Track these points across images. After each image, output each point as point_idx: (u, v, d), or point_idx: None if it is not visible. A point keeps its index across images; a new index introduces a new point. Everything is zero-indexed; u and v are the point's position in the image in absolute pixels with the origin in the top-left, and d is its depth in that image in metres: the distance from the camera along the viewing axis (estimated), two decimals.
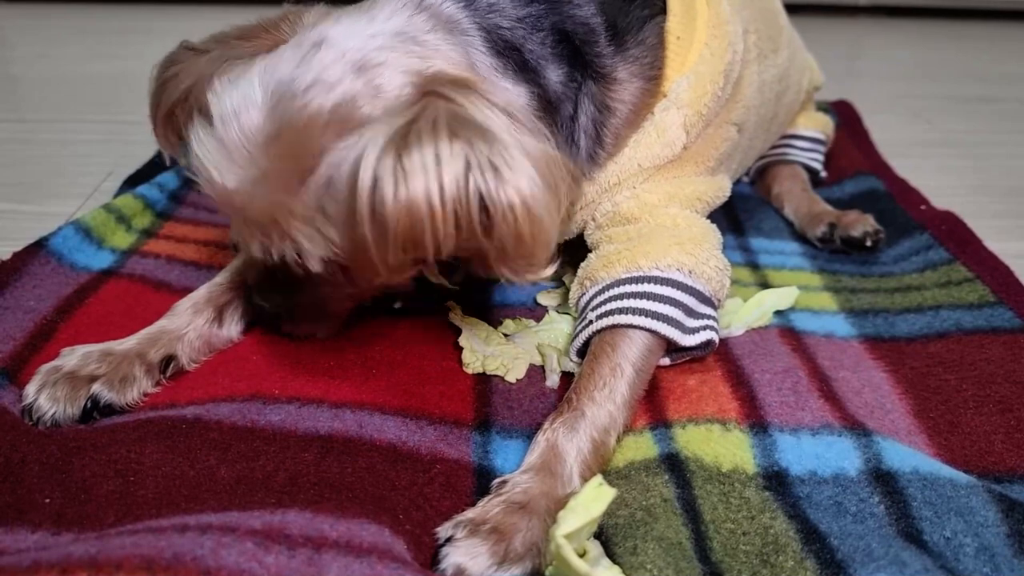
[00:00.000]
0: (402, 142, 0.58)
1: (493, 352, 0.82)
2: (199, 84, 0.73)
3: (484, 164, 0.58)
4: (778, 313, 0.91)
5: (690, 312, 0.77)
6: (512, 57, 0.73)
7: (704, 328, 0.77)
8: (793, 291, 0.93)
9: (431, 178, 0.57)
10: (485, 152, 0.58)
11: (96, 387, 0.71)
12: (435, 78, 0.66)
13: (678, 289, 0.77)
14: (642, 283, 0.77)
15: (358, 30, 0.68)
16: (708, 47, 0.83)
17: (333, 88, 0.64)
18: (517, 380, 0.79)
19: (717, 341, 0.79)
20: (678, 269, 0.77)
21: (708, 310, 0.79)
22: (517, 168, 0.59)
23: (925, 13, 2.77)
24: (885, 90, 1.99)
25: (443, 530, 0.61)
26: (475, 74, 0.70)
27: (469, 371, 0.80)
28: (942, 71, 2.20)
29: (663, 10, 0.84)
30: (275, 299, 0.78)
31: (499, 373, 0.80)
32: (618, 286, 0.77)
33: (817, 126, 1.27)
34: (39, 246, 0.93)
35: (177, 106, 0.76)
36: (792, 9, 1.16)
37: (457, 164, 0.58)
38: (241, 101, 0.65)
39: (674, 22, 0.83)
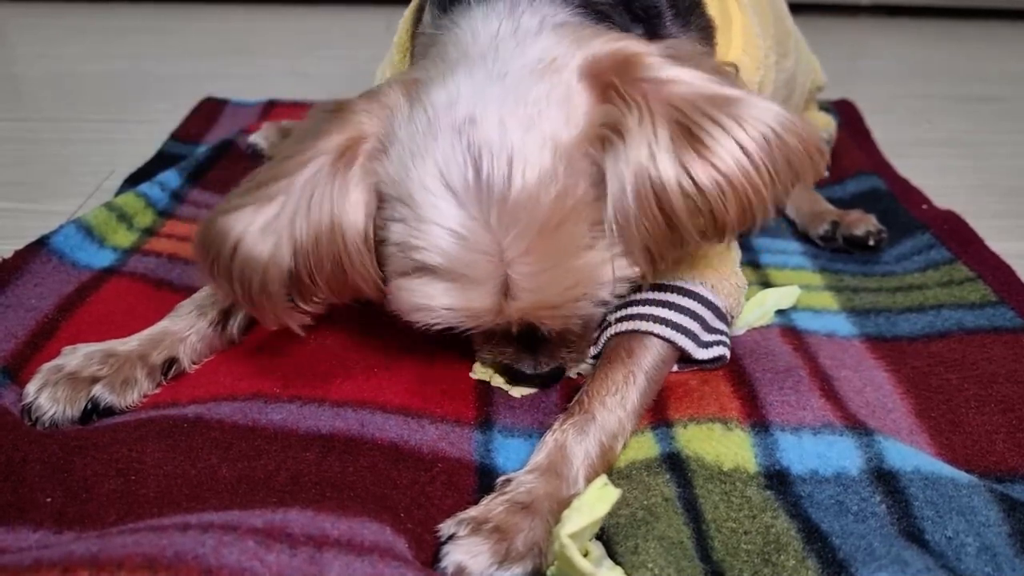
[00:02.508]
0: (683, 137, 0.59)
1: None
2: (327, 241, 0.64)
3: (744, 116, 0.60)
4: (780, 312, 0.91)
5: (706, 326, 0.78)
6: (609, 23, 0.73)
7: (717, 343, 0.78)
8: (795, 290, 0.93)
9: (733, 146, 0.59)
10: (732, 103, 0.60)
11: (97, 389, 0.71)
12: (602, 73, 0.63)
13: (699, 302, 0.77)
14: (665, 292, 0.77)
15: (495, 95, 0.62)
16: (746, 54, 0.83)
17: (528, 147, 0.60)
18: (522, 395, 0.78)
19: (728, 357, 0.79)
20: (702, 283, 0.78)
21: (722, 325, 0.79)
22: (760, 103, 0.61)
23: (927, 13, 2.77)
24: (887, 90, 1.98)
25: (445, 527, 0.61)
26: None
27: (475, 377, 0.80)
28: (944, 71, 2.20)
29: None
30: (547, 356, 0.75)
31: (504, 387, 0.79)
32: (641, 292, 0.77)
33: (819, 125, 1.27)
34: (40, 245, 0.93)
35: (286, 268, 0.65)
36: (794, 8, 1.16)
37: (751, 124, 0.59)
38: (451, 218, 0.60)
39: (715, 22, 0.83)
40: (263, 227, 0.63)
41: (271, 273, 0.64)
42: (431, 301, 0.62)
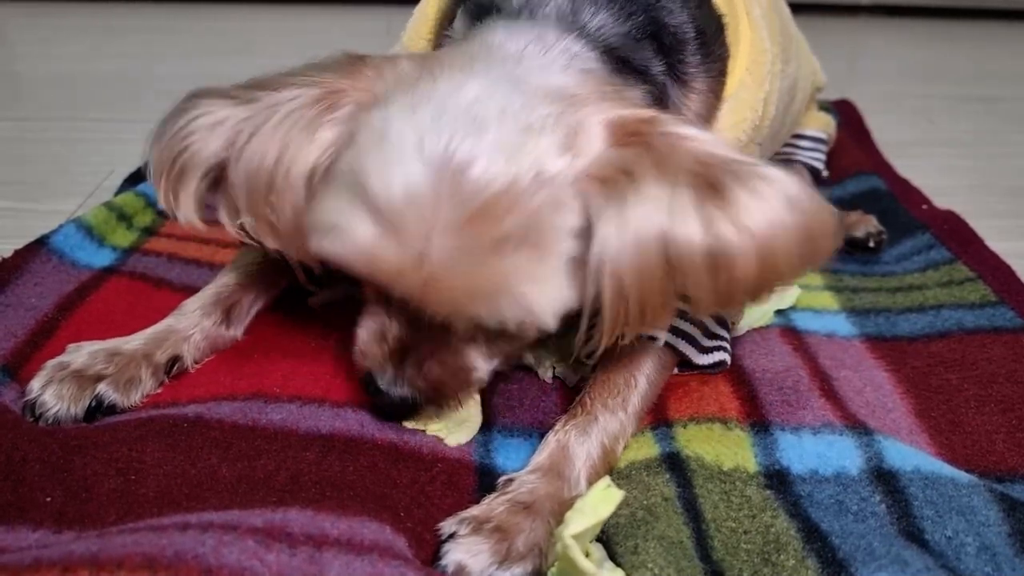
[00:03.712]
0: (705, 190, 0.56)
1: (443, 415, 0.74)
2: (264, 143, 0.64)
3: (767, 178, 0.58)
4: (779, 312, 0.91)
5: (707, 332, 0.78)
6: (626, 70, 0.72)
7: (718, 349, 0.78)
8: (794, 290, 0.93)
9: (759, 204, 0.56)
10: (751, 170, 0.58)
11: (102, 387, 0.71)
12: (624, 123, 0.61)
13: None
14: None
15: (505, 92, 0.61)
16: (749, 73, 0.83)
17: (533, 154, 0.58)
18: (457, 444, 0.72)
19: (728, 363, 0.79)
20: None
21: (723, 332, 0.79)
22: (778, 171, 0.59)
23: (926, 13, 2.77)
24: (887, 89, 1.99)
25: (446, 526, 0.61)
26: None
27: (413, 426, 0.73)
28: (944, 70, 2.20)
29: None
30: (417, 381, 0.68)
31: (440, 435, 0.72)
32: None
33: (819, 125, 1.27)
34: (40, 244, 0.93)
35: (212, 167, 0.66)
36: (794, 8, 1.15)
37: (773, 189, 0.57)
38: (411, 170, 0.57)
39: (731, 48, 0.82)
40: (219, 120, 0.64)
41: (195, 160, 0.65)
42: (350, 226, 0.59)
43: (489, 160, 0.56)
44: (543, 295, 0.59)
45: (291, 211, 0.65)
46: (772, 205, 0.57)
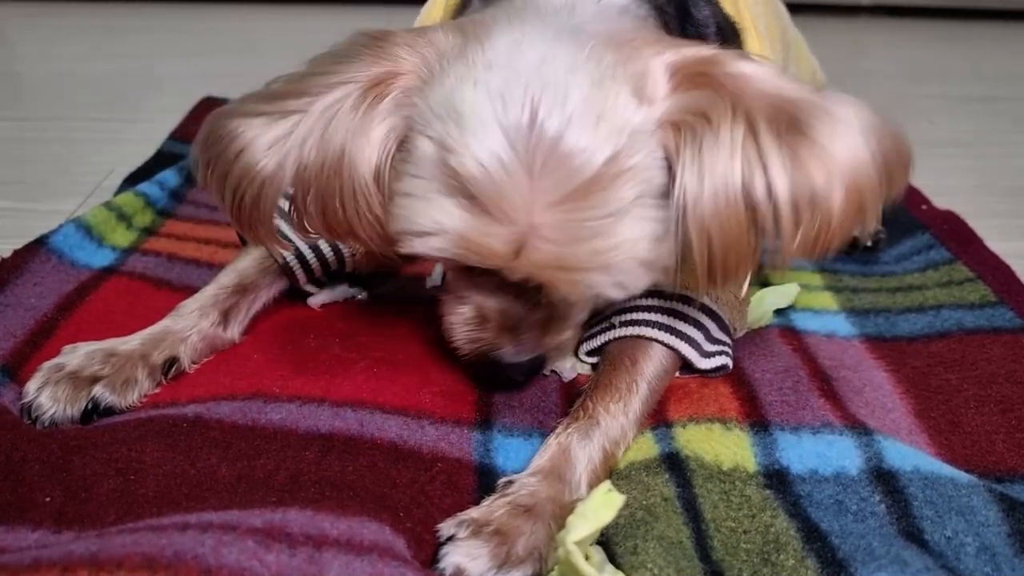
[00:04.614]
0: (785, 128, 0.54)
1: None
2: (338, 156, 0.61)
3: (844, 109, 0.56)
4: (779, 312, 0.91)
5: (709, 336, 0.77)
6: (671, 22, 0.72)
7: (720, 353, 0.78)
8: (794, 289, 0.93)
9: (844, 139, 0.55)
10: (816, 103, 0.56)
11: (98, 389, 0.71)
12: (688, 64, 0.59)
13: (703, 312, 0.77)
14: (669, 299, 0.76)
15: (568, 46, 0.59)
16: None
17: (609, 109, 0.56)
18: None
19: (730, 367, 0.79)
20: (706, 293, 0.77)
21: (725, 336, 0.79)
22: (852, 100, 0.58)
23: (926, 13, 2.77)
24: (887, 90, 1.99)
25: (445, 528, 0.60)
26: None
27: None
28: (943, 71, 2.20)
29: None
30: (538, 347, 0.70)
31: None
32: (647, 297, 0.76)
33: None
34: (40, 244, 0.93)
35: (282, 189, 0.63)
36: (794, 8, 1.15)
37: (851, 119, 0.56)
38: (497, 145, 0.55)
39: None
40: (271, 142, 0.60)
41: (267, 191, 0.61)
42: (446, 221, 0.58)
43: (579, 128, 0.55)
44: (652, 254, 0.58)
45: (370, 216, 0.63)
46: (854, 138, 0.55)
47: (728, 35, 0.78)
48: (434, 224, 0.58)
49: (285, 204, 0.66)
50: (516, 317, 0.68)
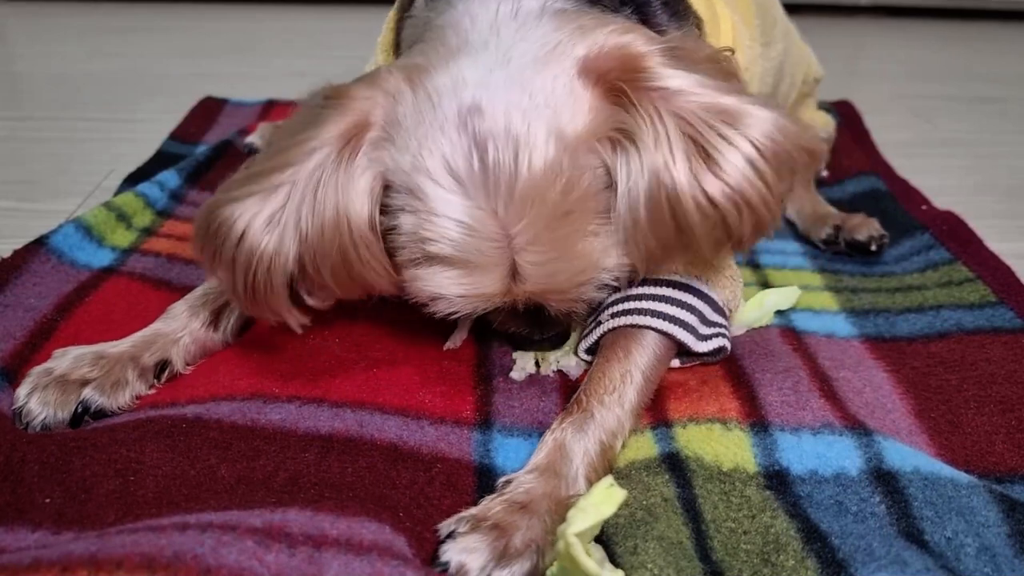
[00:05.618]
0: (693, 147, 0.61)
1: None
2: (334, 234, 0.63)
3: (747, 127, 0.62)
4: (779, 313, 0.91)
5: (704, 319, 0.77)
6: (601, 7, 0.73)
7: (716, 336, 0.78)
8: (794, 291, 0.93)
9: (740, 161, 0.61)
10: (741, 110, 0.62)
11: (87, 392, 0.71)
12: (609, 74, 0.63)
13: (695, 296, 0.77)
14: (661, 286, 0.77)
15: (501, 80, 0.63)
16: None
17: (530, 136, 0.61)
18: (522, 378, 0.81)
19: (729, 348, 0.79)
20: (696, 276, 0.77)
21: (720, 319, 0.79)
22: (760, 112, 0.63)
23: (926, 13, 2.77)
24: (886, 90, 1.99)
25: (445, 525, 0.61)
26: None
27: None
28: (943, 71, 2.20)
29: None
30: (551, 326, 0.77)
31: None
32: (637, 287, 0.77)
33: (819, 125, 1.27)
34: (40, 244, 0.93)
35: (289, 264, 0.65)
36: (793, 9, 1.16)
37: (747, 140, 0.61)
38: (459, 209, 0.61)
39: (705, 28, 0.83)
40: (268, 218, 0.63)
41: (275, 266, 0.64)
42: (444, 290, 0.64)
43: (529, 163, 0.61)
44: (620, 259, 0.66)
45: (376, 264, 0.66)
46: (754, 156, 0.61)
47: (671, 1, 0.79)
48: (434, 292, 0.65)
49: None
50: (535, 322, 0.75)
